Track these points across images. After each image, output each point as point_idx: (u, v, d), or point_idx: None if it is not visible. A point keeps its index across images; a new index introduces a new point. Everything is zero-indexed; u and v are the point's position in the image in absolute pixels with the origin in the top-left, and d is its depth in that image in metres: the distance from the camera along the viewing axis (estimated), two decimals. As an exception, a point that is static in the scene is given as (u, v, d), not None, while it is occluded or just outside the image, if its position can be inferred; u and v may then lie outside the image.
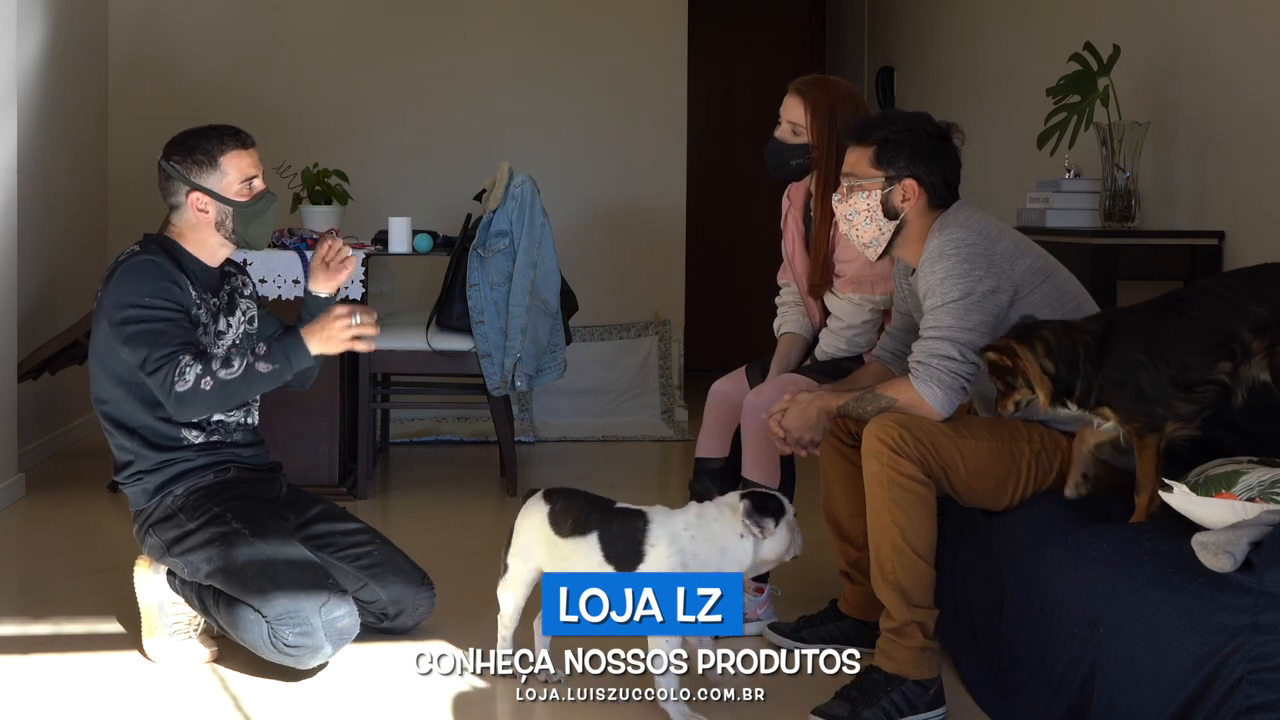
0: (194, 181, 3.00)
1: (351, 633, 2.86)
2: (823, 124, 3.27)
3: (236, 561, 2.86)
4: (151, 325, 2.88)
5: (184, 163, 3.00)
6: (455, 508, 4.54)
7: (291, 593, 2.80)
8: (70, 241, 5.42)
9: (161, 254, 2.99)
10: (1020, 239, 2.80)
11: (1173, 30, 3.98)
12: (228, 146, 3.01)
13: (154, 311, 2.89)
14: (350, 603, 2.88)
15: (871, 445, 2.64)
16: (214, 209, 3.01)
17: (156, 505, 2.98)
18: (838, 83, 3.38)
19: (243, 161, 3.02)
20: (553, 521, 2.74)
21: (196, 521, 2.93)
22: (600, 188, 6.32)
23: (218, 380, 2.85)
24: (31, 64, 4.89)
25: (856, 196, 2.83)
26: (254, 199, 3.03)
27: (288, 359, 2.91)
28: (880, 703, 2.59)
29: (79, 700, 2.78)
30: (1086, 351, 2.53)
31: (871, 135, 2.83)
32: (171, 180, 3.02)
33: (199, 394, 2.85)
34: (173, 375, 2.84)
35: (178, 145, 3.03)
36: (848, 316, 3.31)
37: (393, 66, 6.15)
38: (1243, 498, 2.28)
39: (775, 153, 3.35)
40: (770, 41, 7.80)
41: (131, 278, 2.93)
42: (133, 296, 2.90)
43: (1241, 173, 3.65)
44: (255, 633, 2.82)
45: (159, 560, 3.00)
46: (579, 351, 6.03)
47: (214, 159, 3.00)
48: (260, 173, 3.06)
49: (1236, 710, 2.10)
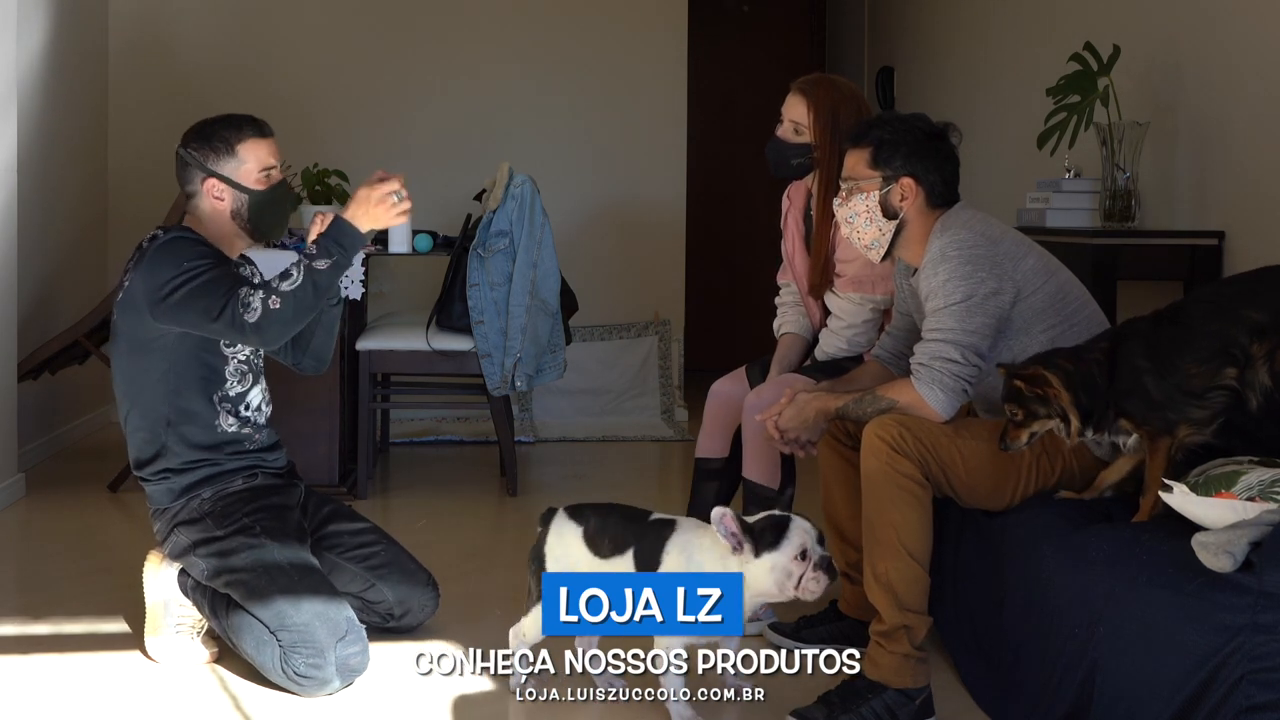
0: (210, 168, 2.98)
1: (361, 670, 2.84)
2: (825, 123, 3.27)
3: (260, 579, 2.84)
4: (198, 281, 2.85)
5: (202, 149, 2.99)
6: (455, 508, 4.54)
7: (310, 623, 2.78)
8: (70, 241, 5.42)
9: (193, 234, 2.98)
10: (1022, 240, 2.81)
11: (1173, 30, 3.98)
12: (246, 134, 3.00)
13: (196, 269, 2.86)
14: (364, 641, 2.85)
15: (871, 443, 2.64)
16: (230, 196, 3.00)
17: (183, 506, 2.96)
18: (841, 82, 3.38)
19: (261, 150, 3.01)
20: (591, 544, 2.64)
21: (225, 529, 2.91)
22: (600, 188, 6.32)
23: (283, 294, 2.82)
24: (31, 64, 4.89)
25: (855, 198, 2.83)
26: (271, 188, 3.02)
27: (341, 246, 2.86)
28: (859, 709, 2.57)
29: (79, 700, 2.78)
30: (1101, 372, 2.53)
31: (868, 136, 2.83)
32: (189, 167, 3.00)
33: (271, 314, 2.81)
34: (239, 310, 2.81)
35: (196, 132, 3.02)
36: (848, 316, 3.31)
37: (393, 67, 6.15)
38: (1242, 497, 2.28)
39: (777, 151, 3.35)
40: (770, 41, 7.80)
41: (164, 255, 2.90)
42: (171, 270, 2.87)
43: (1241, 173, 3.65)
44: (266, 654, 2.80)
45: (176, 558, 2.98)
46: (579, 351, 6.03)
47: (232, 146, 2.99)
48: (278, 164, 3.05)
49: (1236, 710, 2.10)
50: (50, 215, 5.11)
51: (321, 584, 2.87)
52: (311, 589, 2.84)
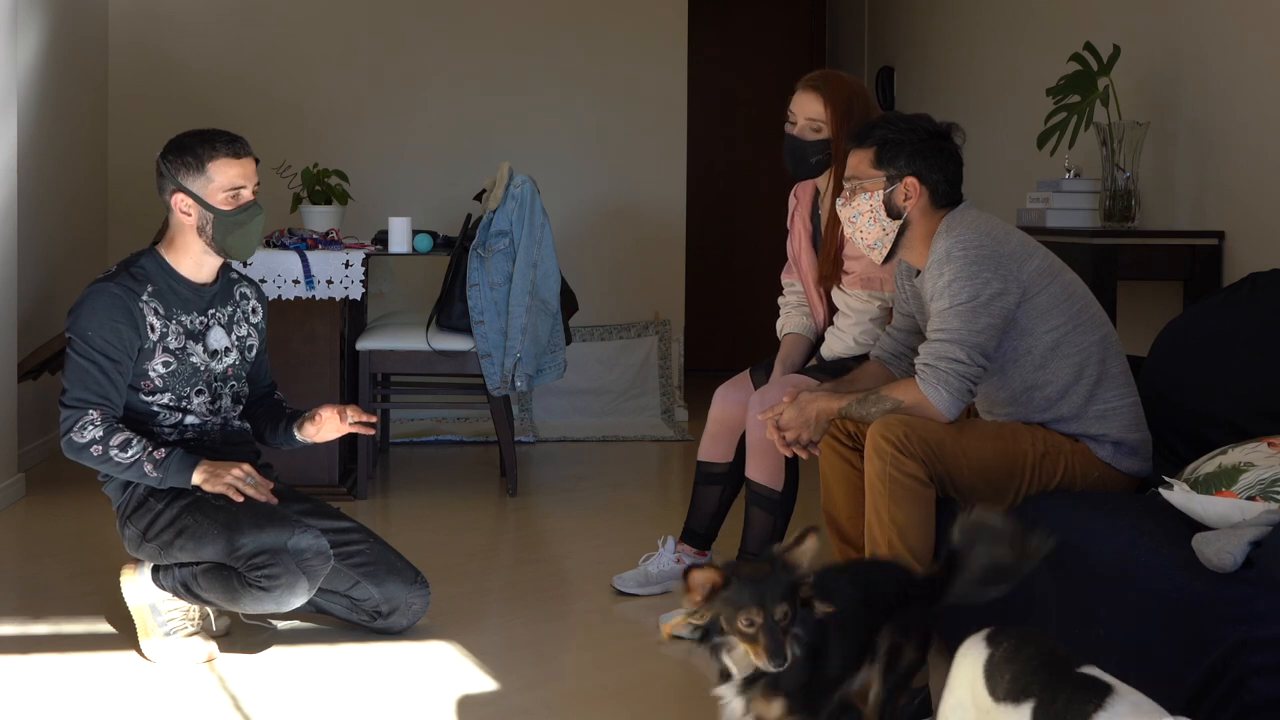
0: (180, 182, 3.00)
1: (323, 569, 2.88)
2: (841, 117, 3.25)
3: (201, 522, 2.89)
4: (82, 362, 2.92)
5: (174, 163, 3.00)
6: (455, 508, 4.54)
7: (258, 535, 2.84)
8: (70, 241, 5.42)
9: (131, 281, 2.98)
10: (1027, 240, 2.80)
11: (1173, 30, 3.98)
12: (218, 154, 2.99)
13: (90, 349, 2.91)
14: (322, 539, 2.89)
15: (875, 443, 2.64)
16: (196, 213, 3.00)
17: (130, 497, 3.00)
18: (848, 76, 3.37)
19: (231, 170, 2.99)
20: (988, 675, 1.98)
21: (164, 501, 2.95)
22: (600, 188, 6.32)
23: (108, 456, 2.90)
24: (31, 64, 4.89)
25: (859, 198, 2.83)
26: (237, 209, 3.01)
27: (169, 475, 2.91)
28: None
29: (79, 700, 2.78)
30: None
31: (871, 136, 2.83)
32: (163, 179, 3.03)
33: (85, 454, 2.91)
34: (74, 422, 2.90)
35: (173, 145, 3.03)
36: (856, 314, 3.30)
37: (393, 67, 6.15)
38: (1243, 496, 2.28)
39: (796, 151, 3.31)
40: (770, 41, 7.79)
41: (88, 306, 2.95)
42: (81, 325, 2.93)
43: (1241, 173, 3.65)
44: (234, 585, 2.85)
45: (138, 551, 3.01)
46: (579, 351, 6.03)
47: (202, 163, 2.99)
48: (251, 185, 3.03)
49: (1237, 710, 2.10)
50: (50, 215, 5.11)
51: (261, 507, 2.91)
52: (251, 511, 2.89)
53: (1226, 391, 2.98)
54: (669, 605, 3.31)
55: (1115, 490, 2.76)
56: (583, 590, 3.60)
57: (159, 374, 2.99)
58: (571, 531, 4.31)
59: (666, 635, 3.11)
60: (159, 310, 2.99)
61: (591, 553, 3.95)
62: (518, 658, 3.06)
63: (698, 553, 3.53)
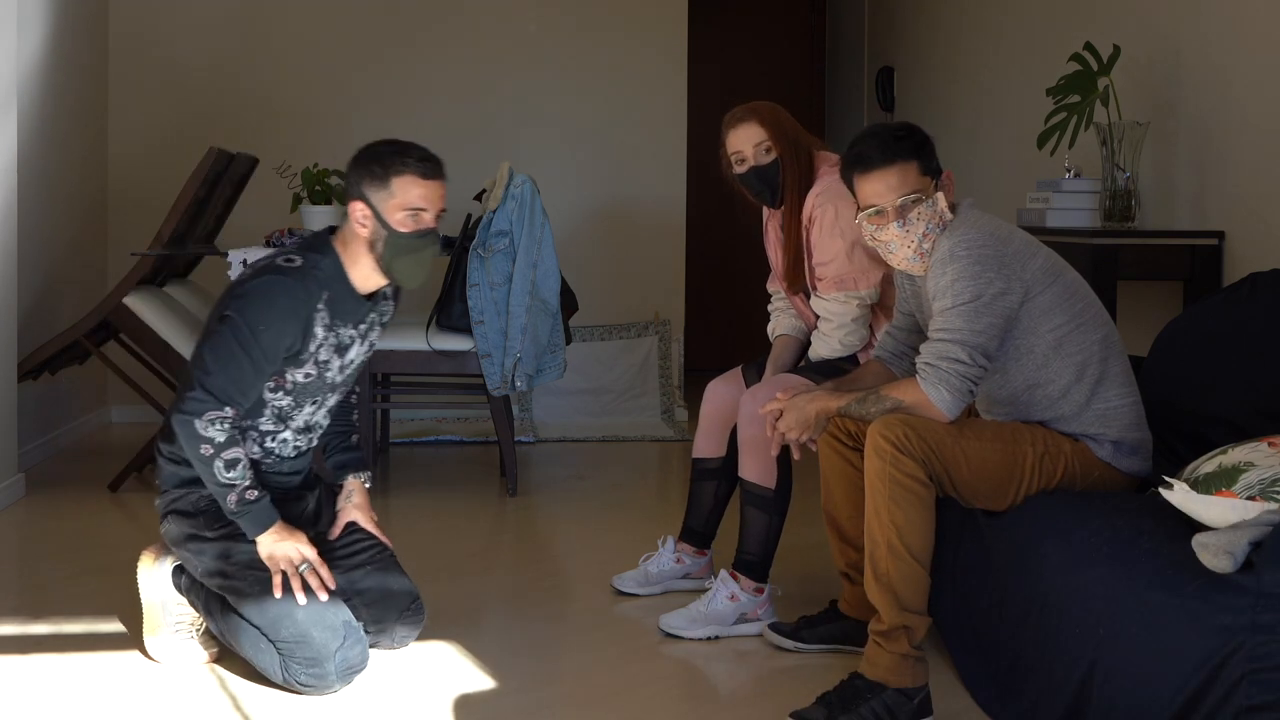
0: (361, 190, 2.84)
1: (361, 668, 2.83)
2: (779, 131, 3.34)
3: (253, 585, 2.82)
4: (238, 350, 2.78)
5: (361, 169, 2.85)
6: (455, 508, 4.54)
7: (307, 631, 2.76)
8: (70, 241, 5.42)
9: (313, 284, 2.84)
10: (1030, 240, 2.80)
11: (1173, 30, 3.98)
12: (407, 169, 2.82)
13: (253, 342, 2.78)
14: (364, 640, 2.84)
15: (875, 443, 2.64)
16: (371, 226, 2.85)
17: (183, 495, 2.93)
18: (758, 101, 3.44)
19: (416, 190, 2.82)
20: None
21: (214, 533, 2.89)
22: (600, 188, 6.32)
23: (210, 462, 2.77)
24: (31, 64, 4.89)
25: (920, 208, 2.75)
26: (413, 233, 2.84)
27: (244, 519, 2.82)
28: (858, 709, 2.57)
29: (79, 700, 2.77)
30: None
31: (903, 148, 2.76)
32: (347, 181, 2.89)
33: (193, 444, 2.78)
34: (204, 409, 2.76)
35: (365, 150, 2.87)
36: (836, 317, 3.31)
37: (393, 67, 6.15)
38: (1243, 496, 2.28)
39: (762, 178, 3.36)
40: (771, 42, 7.80)
41: (265, 297, 2.79)
42: (252, 314, 2.78)
43: (1241, 173, 3.65)
44: (265, 658, 2.79)
45: (171, 544, 2.95)
46: (579, 351, 6.03)
47: (388, 175, 2.82)
48: (434, 210, 2.85)
49: (1236, 710, 2.09)
50: (50, 214, 5.11)
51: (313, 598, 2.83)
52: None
53: (1226, 391, 2.98)
54: (669, 605, 3.31)
55: (1115, 490, 2.76)
56: (582, 590, 3.59)
57: (295, 381, 2.89)
58: (571, 531, 4.31)
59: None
60: (326, 322, 2.87)
61: (591, 553, 3.95)
62: (517, 658, 3.06)
63: (698, 552, 3.53)
